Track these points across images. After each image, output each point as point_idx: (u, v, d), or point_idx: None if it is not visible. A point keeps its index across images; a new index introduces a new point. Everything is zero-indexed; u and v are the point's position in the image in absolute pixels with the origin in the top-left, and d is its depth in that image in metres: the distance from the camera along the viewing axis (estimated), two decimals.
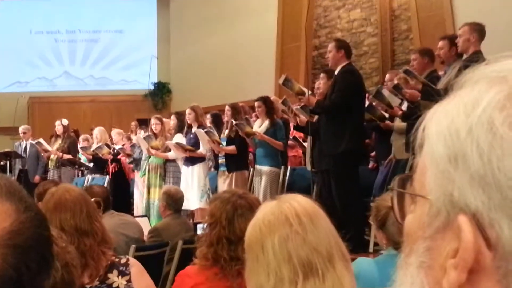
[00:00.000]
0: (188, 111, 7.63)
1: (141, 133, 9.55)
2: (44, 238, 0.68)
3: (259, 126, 7.23)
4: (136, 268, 2.64)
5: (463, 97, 0.56)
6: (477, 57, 5.16)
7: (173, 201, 4.99)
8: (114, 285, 2.55)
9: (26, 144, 10.64)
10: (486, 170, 0.52)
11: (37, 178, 10.18)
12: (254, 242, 1.37)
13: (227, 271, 2.27)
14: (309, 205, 1.39)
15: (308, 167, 6.67)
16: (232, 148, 7.21)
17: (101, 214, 4.30)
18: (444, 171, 0.54)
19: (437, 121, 0.57)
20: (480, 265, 0.52)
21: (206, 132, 7.22)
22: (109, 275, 2.56)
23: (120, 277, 2.58)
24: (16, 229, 0.64)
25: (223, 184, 7.21)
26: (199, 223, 2.81)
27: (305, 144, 7.77)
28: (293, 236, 1.32)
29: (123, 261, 2.64)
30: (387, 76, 7.43)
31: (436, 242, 0.56)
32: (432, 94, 5.10)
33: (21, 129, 10.86)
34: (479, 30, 5.35)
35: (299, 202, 1.38)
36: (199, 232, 4.50)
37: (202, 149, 7.52)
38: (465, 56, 5.42)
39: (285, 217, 1.34)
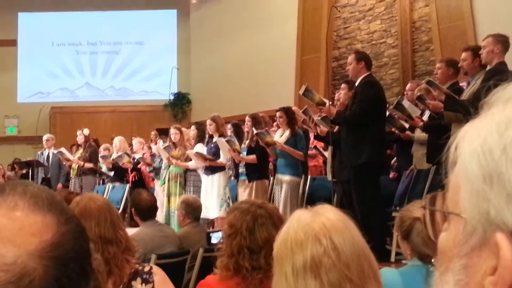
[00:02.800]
0: (208, 122, 7.65)
1: (161, 143, 9.62)
2: (84, 250, 0.69)
3: (280, 136, 7.24)
4: (159, 276, 2.66)
5: (495, 116, 0.56)
6: (501, 68, 5.13)
7: (192, 210, 5.03)
8: None
9: (48, 153, 10.77)
10: None
11: (59, 186, 10.31)
12: (284, 258, 1.34)
13: (249, 281, 2.25)
14: (342, 223, 1.35)
15: (329, 176, 6.66)
16: (252, 157, 7.23)
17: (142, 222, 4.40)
18: (479, 190, 0.54)
19: (469, 140, 0.57)
20: None
21: (227, 141, 7.25)
22: (133, 282, 2.58)
23: (143, 285, 2.59)
24: (58, 241, 0.65)
25: (244, 193, 7.23)
26: (214, 232, 2.79)
27: (326, 153, 7.75)
28: (325, 260, 1.28)
29: (146, 269, 2.66)
30: (408, 86, 7.41)
31: (472, 260, 0.56)
32: (455, 105, 5.07)
33: (45, 137, 11.01)
34: (503, 42, 5.30)
35: (331, 221, 1.34)
36: (213, 241, 4.51)
37: (222, 158, 7.54)
38: (489, 68, 5.39)
39: (317, 238, 1.31)
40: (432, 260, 0.64)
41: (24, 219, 0.65)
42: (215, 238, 2.77)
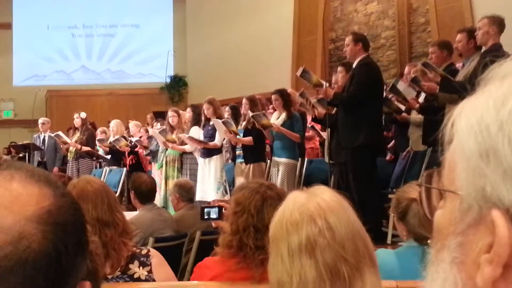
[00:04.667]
0: (205, 105, 7.59)
1: (157, 126, 9.60)
2: (80, 223, 0.70)
3: (276, 118, 7.23)
4: (156, 259, 2.67)
5: (492, 93, 0.56)
6: (497, 49, 5.12)
7: (185, 191, 5.06)
8: (135, 275, 2.58)
9: (44, 136, 10.75)
10: None
11: (55, 169, 10.29)
12: (279, 239, 1.35)
13: (250, 260, 2.24)
14: (337, 203, 1.35)
15: (326, 159, 6.67)
16: (249, 139, 7.22)
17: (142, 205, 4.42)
18: (476, 166, 0.54)
19: (466, 117, 0.57)
20: None
21: (223, 122, 7.24)
22: (130, 265, 2.59)
23: (141, 267, 2.61)
24: (55, 209, 0.66)
25: (240, 175, 7.24)
26: (210, 207, 2.76)
27: (323, 134, 7.75)
28: (320, 240, 1.29)
29: (144, 252, 2.67)
30: (406, 69, 7.39)
31: (468, 237, 0.56)
32: (450, 86, 5.07)
33: (40, 120, 10.97)
34: (498, 23, 5.29)
35: (326, 202, 1.34)
36: (206, 216, 4.51)
37: (217, 141, 7.52)
38: (484, 49, 5.38)
39: (312, 219, 1.31)
40: (429, 241, 0.64)
41: (21, 189, 0.66)
42: (214, 213, 2.74)
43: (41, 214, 0.65)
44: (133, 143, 9.44)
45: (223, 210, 2.97)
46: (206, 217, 2.92)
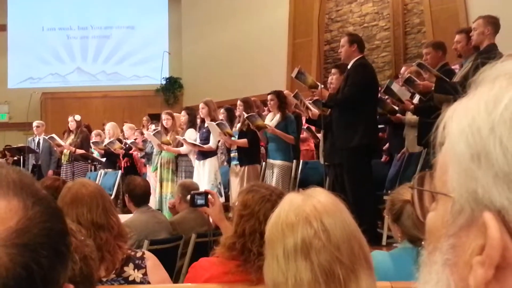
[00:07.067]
0: (201, 105, 7.64)
1: (152, 128, 9.59)
2: (55, 232, 0.67)
3: (271, 119, 7.23)
4: (151, 262, 2.66)
5: (483, 95, 0.56)
6: (491, 50, 5.13)
7: (188, 192, 5.01)
8: (130, 278, 2.57)
9: (39, 139, 10.71)
10: (510, 167, 0.52)
11: (50, 172, 10.26)
12: (275, 241, 1.34)
13: (250, 265, 2.23)
14: (333, 206, 1.35)
15: (321, 160, 6.68)
16: (243, 141, 7.23)
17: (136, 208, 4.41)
18: (467, 169, 0.54)
19: (457, 119, 0.57)
20: (506, 261, 0.52)
21: (217, 124, 7.25)
22: (125, 268, 2.58)
23: (136, 270, 2.60)
24: (23, 227, 0.63)
25: (236, 178, 7.24)
26: (199, 193, 2.76)
27: (319, 135, 7.76)
28: (316, 242, 1.28)
29: (139, 254, 2.67)
30: (402, 69, 7.41)
31: (460, 239, 0.56)
32: (445, 87, 5.09)
33: (35, 123, 10.93)
34: (493, 23, 5.31)
35: (322, 204, 1.34)
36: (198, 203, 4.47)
37: (212, 143, 7.53)
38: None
39: (307, 221, 1.31)
40: (423, 243, 0.64)
41: None
42: (201, 199, 2.72)
43: (8, 235, 0.62)
44: (127, 146, 9.43)
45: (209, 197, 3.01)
46: (196, 203, 2.98)
